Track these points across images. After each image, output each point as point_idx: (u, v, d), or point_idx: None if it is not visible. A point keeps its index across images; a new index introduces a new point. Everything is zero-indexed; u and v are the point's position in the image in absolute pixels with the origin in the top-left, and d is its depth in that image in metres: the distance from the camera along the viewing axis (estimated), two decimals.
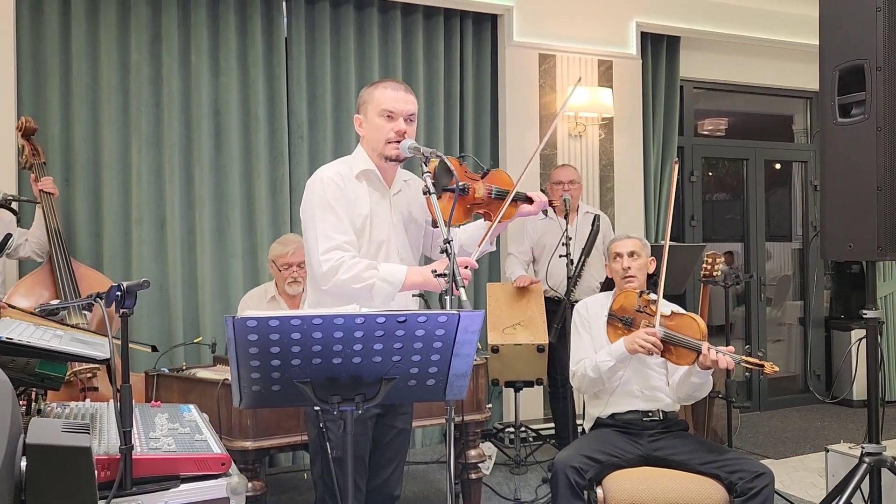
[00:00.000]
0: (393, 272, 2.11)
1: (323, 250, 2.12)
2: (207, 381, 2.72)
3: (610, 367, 2.73)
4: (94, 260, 3.84)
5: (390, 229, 2.27)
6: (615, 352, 2.72)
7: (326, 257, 2.11)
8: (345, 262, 2.10)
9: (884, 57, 2.70)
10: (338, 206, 2.15)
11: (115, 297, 1.49)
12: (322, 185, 2.18)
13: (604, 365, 2.74)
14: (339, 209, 2.15)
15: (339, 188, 2.17)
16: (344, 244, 2.13)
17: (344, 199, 2.16)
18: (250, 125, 4.20)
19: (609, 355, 2.74)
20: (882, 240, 2.69)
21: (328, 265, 2.10)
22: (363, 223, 2.20)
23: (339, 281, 2.09)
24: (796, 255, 6.44)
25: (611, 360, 2.73)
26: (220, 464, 1.59)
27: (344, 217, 2.15)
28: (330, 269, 2.10)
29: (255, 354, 1.59)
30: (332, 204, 2.15)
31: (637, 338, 2.64)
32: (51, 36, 3.83)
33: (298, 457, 4.24)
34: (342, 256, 2.11)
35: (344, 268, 2.10)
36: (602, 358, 2.76)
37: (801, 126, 6.40)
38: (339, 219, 2.14)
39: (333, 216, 2.15)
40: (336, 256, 2.11)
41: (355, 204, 2.19)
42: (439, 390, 1.77)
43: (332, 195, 2.16)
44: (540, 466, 4.14)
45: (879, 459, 2.85)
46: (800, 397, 6.03)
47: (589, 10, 4.99)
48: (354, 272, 2.09)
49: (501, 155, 4.85)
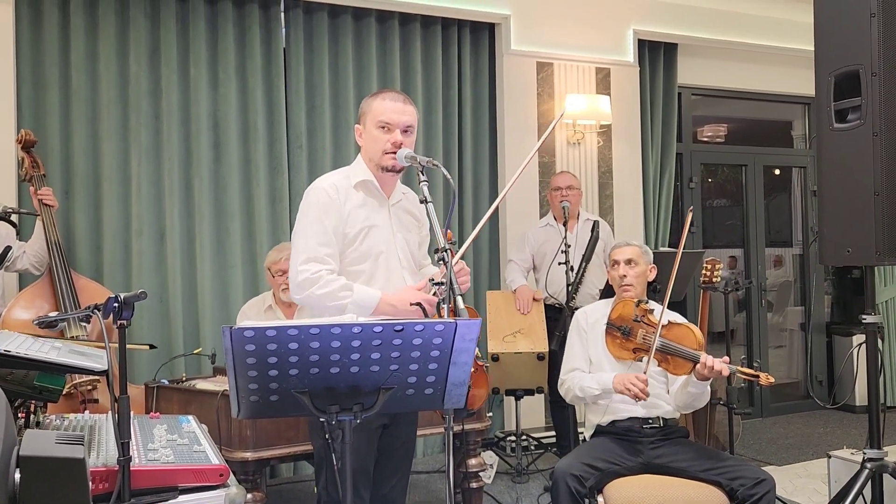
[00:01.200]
0: (365, 297, 2.12)
1: (302, 260, 2.15)
2: (207, 392, 2.72)
3: (595, 395, 2.77)
4: (94, 272, 3.84)
5: (390, 238, 2.28)
6: (603, 384, 2.75)
7: (305, 268, 2.13)
8: (322, 277, 2.12)
9: (879, 62, 2.70)
10: (326, 217, 2.17)
11: (112, 308, 1.49)
12: (315, 195, 2.21)
13: (590, 391, 2.78)
14: (327, 220, 2.17)
15: (331, 199, 2.18)
16: (325, 256, 2.15)
17: (334, 211, 2.18)
18: (249, 136, 4.22)
19: (597, 385, 2.77)
20: (880, 244, 2.69)
21: (304, 276, 2.13)
22: (358, 233, 2.21)
23: (313, 294, 2.11)
24: (797, 260, 6.44)
25: (597, 389, 2.76)
26: (218, 475, 1.59)
27: (330, 229, 2.17)
28: (306, 281, 2.12)
29: (253, 365, 1.60)
30: (321, 214, 2.17)
31: (626, 381, 2.66)
32: (50, 48, 3.85)
33: (300, 467, 4.23)
34: (320, 270, 2.13)
35: (321, 283, 2.11)
36: (590, 384, 2.79)
37: (800, 132, 6.41)
38: (324, 230, 2.16)
39: (319, 226, 2.17)
40: (314, 269, 2.13)
41: (351, 214, 2.20)
42: (438, 399, 1.77)
43: (322, 206, 2.18)
44: (542, 475, 4.13)
45: (881, 465, 2.84)
46: (802, 403, 6.01)
47: (586, 18, 5.00)
48: (330, 289, 2.11)
49: (500, 163, 4.86)
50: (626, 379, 2.66)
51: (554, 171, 4.75)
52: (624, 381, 2.65)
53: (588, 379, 2.80)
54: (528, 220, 4.62)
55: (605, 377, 2.75)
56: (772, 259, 6.25)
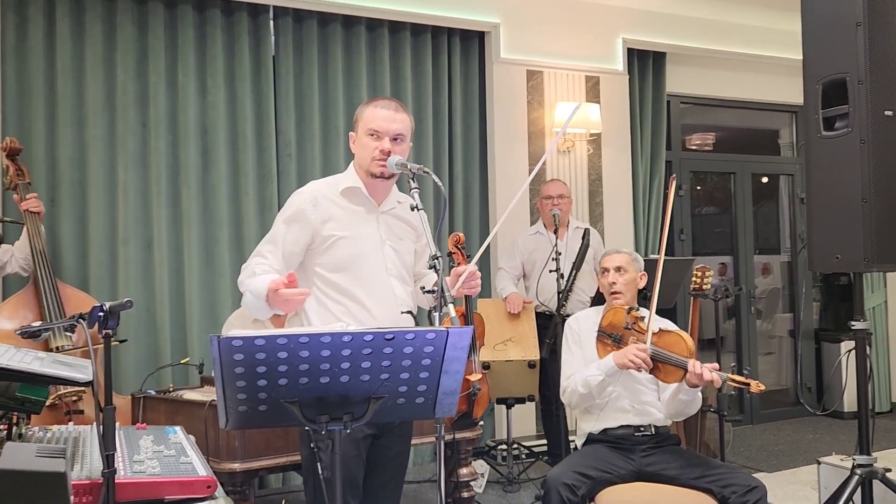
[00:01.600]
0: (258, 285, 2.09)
1: (253, 254, 2.24)
2: (194, 402, 2.69)
3: (599, 381, 2.72)
4: (80, 281, 3.80)
5: (376, 246, 2.26)
6: (604, 366, 2.72)
7: (247, 262, 2.22)
8: (249, 266, 2.19)
9: (865, 70, 2.73)
10: (289, 223, 2.22)
11: (97, 317, 1.47)
12: (291, 202, 2.28)
13: (593, 380, 2.73)
14: (294, 225, 2.21)
15: (302, 209, 2.22)
16: (266, 252, 2.21)
17: (303, 220, 2.21)
18: (238, 144, 4.19)
19: (598, 370, 2.73)
20: (868, 251, 2.71)
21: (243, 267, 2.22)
22: (336, 240, 2.22)
23: (239, 283, 2.19)
24: (785, 267, 6.47)
25: (600, 374, 2.72)
26: (205, 486, 1.56)
27: (288, 235, 2.22)
28: (241, 272, 2.21)
29: (242, 374, 1.57)
30: (285, 220, 2.24)
31: (628, 353, 2.64)
32: (35, 55, 3.82)
33: (290, 478, 4.19)
34: (251, 261, 2.20)
35: (247, 272, 2.18)
36: (591, 373, 2.75)
37: (787, 139, 6.45)
38: (279, 234, 2.23)
39: (276, 230, 2.25)
40: (250, 262, 2.20)
41: (328, 222, 2.22)
42: (429, 408, 1.75)
43: (290, 214, 2.24)
44: (533, 483, 4.11)
45: (871, 471, 2.85)
46: (791, 410, 6.02)
47: (575, 27, 5.02)
48: (243, 276, 2.18)
49: (490, 170, 4.86)
50: (627, 352, 2.64)
51: (544, 179, 4.75)
52: (626, 354, 2.63)
53: (587, 371, 2.77)
54: (519, 228, 4.62)
55: (605, 360, 2.72)
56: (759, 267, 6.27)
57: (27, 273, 3.34)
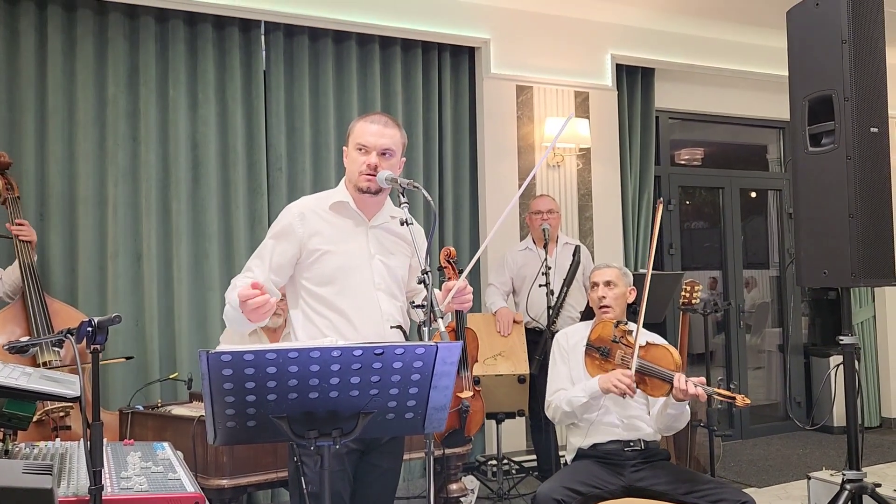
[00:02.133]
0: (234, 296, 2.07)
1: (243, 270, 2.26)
2: (183, 417, 2.67)
3: (583, 403, 2.74)
4: (68, 295, 3.77)
5: (364, 260, 2.26)
6: (589, 389, 2.73)
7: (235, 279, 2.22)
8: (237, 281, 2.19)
9: (851, 87, 2.77)
10: (277, 240, 2.24)
11: (86, 332, 1.46)
12: (280, 217, 2.29)
13: (577, 400, 2.75)
14: (282, 240, 2.23)
15: (290, 225, 2.23)
16: (253, 267, 2.23)
17: (291, 236, 2.23)
18: (228, 158, 4.19)
19: (583, 391, 2.74)
20: (855, 266, 2.73)
21: None
22: (322, 255, 2.22)
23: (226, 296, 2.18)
24: (774, 282, 6.51)
25: (584, 396, 2.73)
26: (193, 503, 1.55)
27: (278, 247, 2.23)
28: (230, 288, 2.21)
29: (230, 390, 1.57)
30: (273, 237, 2.26)
31: (612, 377, 2.64)
32: (26, 68, 3.81)
33: (278, 494, 4.16)
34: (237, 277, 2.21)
35: (231, 286, 2.19)
36: (576, 393, 2.76)
37: (775, 155, 6.51)
38: (267, 250, 2.24)
39: (265, 247, 2.25)
40: (237, 279, 2.20)
41: (314, 237, 2.22)
42: (418, 423, 1.74)
43: (279, 230, 2.26)
44: (523, 499, 4.09)
45: (860, 486, 2.86)
46: (781, 425, 6.04)
47: (565, 43, 5.06)
48: (229, 289, 2.18)
49: (480, 185, 4.88)
50: (612, 376, 2.64)
51: (534, 195, 4.77)
52: (610, 379, 2.64)
53: (573, 390, 2.78)
54: (508, 243, 4.63)
55: (590, 382, 2.74)
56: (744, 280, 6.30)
57: (11, 300, 3.31)
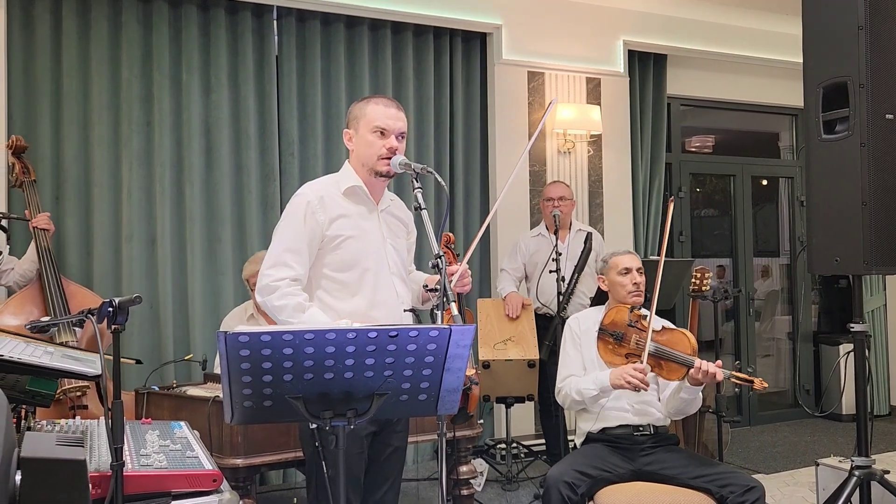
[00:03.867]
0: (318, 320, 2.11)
1: (269, 264, 2.18)
2: (198, 398, 2.71)
3: (592, 395, 2.74)
4: (84, 277, 3.82)
5: (380, 244, 2.28)
6: (600, 382, 2.72)
7: (269, 272, 2.16)
8: (281, 288, 2.13)
9: (866, 74, 2.75)
10: (301, 225, 2.18)
11: (107, 312, 1.49)
12: (296, 203, 2.23)
13: (587, 392, 2.75)
14: (301, 228, 2.18)
15: (311, 209, 2.19)
16: (290, 261, 2.16)
17: (312, 220, 2.18)
18: (241, 142, 4.22)
19: (594, 384, 2.73)
20: (868, 254, 2.73)
21: (266, 281, 2.15)
22: (343, 241, 2.21)
23: (271, 303, 2.14)
24: (784, 270, 6.49)
25: (595, 389, 2.73)
26: (211, 480, 1.58)
27: (302, 236, 2.18)
28: (266, 287, 2.15)
29: (247, 370, 1.59)
30: (296, 222, 2.19)
31: (624, 373, 2.63)
32: (41, 54, 3.84)
33: (289, 475, 4.21)
34: (283, 279, 2.14)
35: (279, 293, 2.13)
36: (587, 385, 2.76)
37: (787, 142, 6.47)
38: (295, 237, 2.18)
39: (291, 233, 2.18)
40: (277, 276, 2.14)
41: (335, 222, 2.20)
42: (431, 405, 1.77)
43: (300, 214, 2.19)
44: (532, 482, 4.13)
45: (869, 473, 2.87)
46: (789, 412, 6.05)
47: (577, 29, 5.04)
48: (284, 303, 2.12)
49: (490, 171, 4.88)
50: (623, 372, 2.63)
51: (545, 181, 4.77)
52: (622, 375, 2.63)
53: (584, 381, 2.78)
54: (519, 229, 4.64)
55: (601, 375, 2.72)
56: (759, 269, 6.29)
57: (20, 288, 3.35)
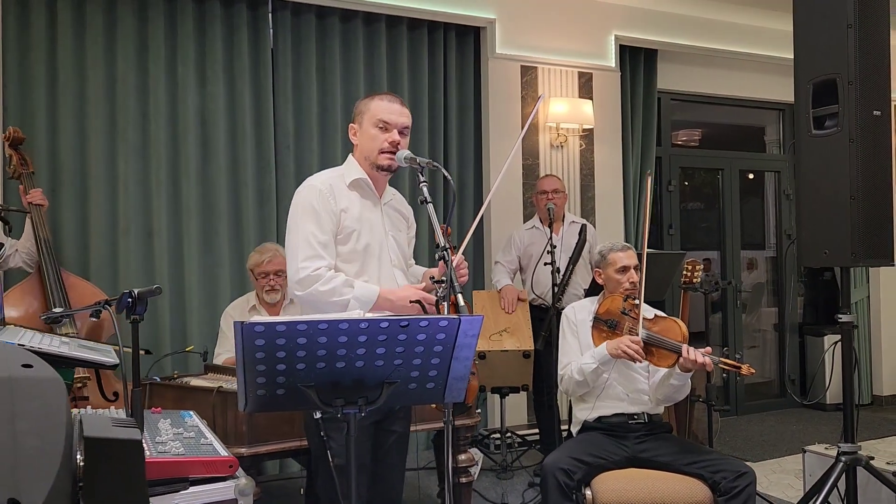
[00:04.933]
0: (366, 293, 2.18)
1: (304, 257, 2.18)
2: (202, 388, 2.74)
3: (593, 369, 2.81)
4: (80, 270, 3.83)
5: (383, 237, 2.33)
6: (598, 355, 2.81)
7: (305, 265, 2.17)
8: (323, 275, 2.16)
9: (855, 71, 2.82)
10: (322, 213, 2.21)
11: (126, 303, 1.52)
12: (309, 193, 2.24)
13: (587, 367, 2.82)
14: (323, 217, 2.21)
15: (325, 198, 2.22)
16: (322, 252, 2.19)
17: (328, 209, 2.21)
18: (237, 135, 4.24)
19: (592, 358, 2.82)
20: (856, 246, 2.81)
21: (306, 273, 2.17)
22: (351, 232, 2.25)
23: (317, 291, 2.16)
24: (769, 262, 6.59)
25: (594, 362, 2.81)
26: (227, 466, 1.63)
27: (326, 225, 2.20)
28: (308, 278, 2.16)
29: (262, 359, 1.63)
30: (316, 212, 2.21)
31: (620, 343, 2.72)
32: (37, 45, 3.84)
33: (287, 465, 4.26)
34: (320, 267, 2.17)
35: (323, 280, 2.16)
36: (586, 360, 2.84)
37: (773, 137, 6.57)
38: (320, 227, 2.20)
39: (315, 224, 2.20)
40: (314, 266, 2.17)
41: (343, 213, 2.24)
42: (438, 393, 1.82)
43: (317, 203, 2.21)
44: (526, 471, 4.19)
45: (855, 458, 2.96)
46: (775, 402, 6.17)
47: (569, 24, 5.10)
48: (333, 285, 2.16)
49: (484, 164, 4.93)
50: (620, 342, 2.73)
51: (537, 174, 4.83)
52: (619, 345, 2.72)
53: (583, 358, 2.86)
54: (512, 222, 4.69)
55: (599, 349, 2.81)
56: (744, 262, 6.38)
57: (31, 269, 3.36)
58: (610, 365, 2.83)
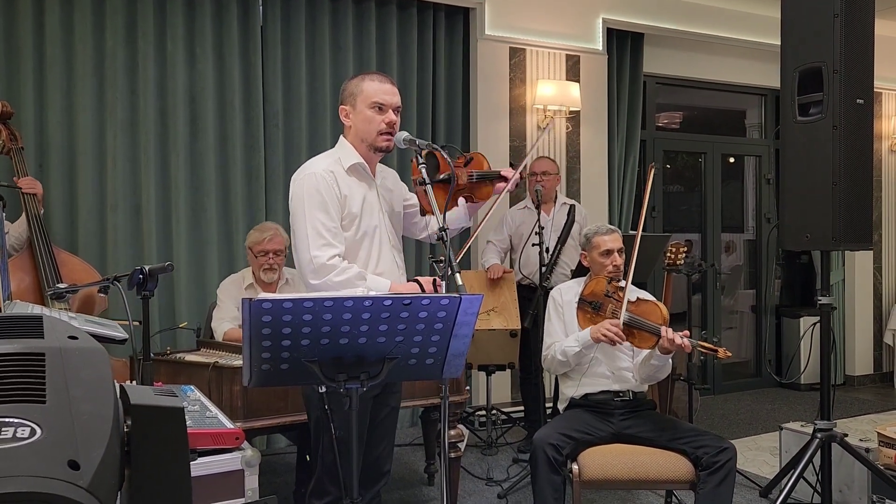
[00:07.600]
0: (377, 286, 2.22)
1: (316, 246, 2.20)
2: (196, 364, 2.77)
3: (576, 352, 2.91)
4: (69, 246, 3.82)
5: (380, 217, 2.36)
6: (581, 338, 2.90)
7: (319, 253, 2.19)
8: (337, 266, 2.19)
9: (840, 60, 2.90)
10: (329, 202, 2.22)
11: (137, 279, 1.55)
12: (313, 181, 2.23)
13: (570, 350, 2.91)
14: (331, 205, 2.22)
15: (330, 185, 2.23)
16: (334, 241, 2.21)
17: (333, 196, 2.23)
18: (226, 113, 4.23)
19: (576, 341, 2.91)
20: (837, 231, 2.90)
21: (321, 262, 2.19)
22: (354, 217, 2.27)
23: (331, 281, 2.19)
24: (748, 245, 6.72)
25: (577, 345, 2.90)
26: (234, 438, 1.68)
27: (333, 212, 2.22)
28: (323, 267, 2.19)
29: (268, 335, 1.67)
30: (323, 198, 2.21)
31: (601, 327, 2.81)
32: (24, 20, 3.79)
33: (273, 440, 4.31)
34: (335, 256, 2.20)
35: (338, 270, 2.19)
36: (569, 343, 2.93)
37: (754, 121, 6.66)
38: (328, 214, 2.22)
39: (323, 212, 2.21)
40: (329, 254, 2.19)
41: (346, 199, 2.26)
42: (437, 369, 1.87)
43: (324, 190, 2.22)
44: (510, 447, 4.28)
45: (830, 435, 3.08)
46: (751, 381, 6.33)
47: (558, 6, 5.12)
48: (346, 277, 2.19)
49: (472, 145, 4.96)
50: (601, 327, 2.82)
51: (524, 156, 4.87)
52: (600, 329, 2.82)
53: (567, 340, 2.95)
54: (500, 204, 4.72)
55: (582, 333, 2.91)
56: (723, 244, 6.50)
57: (17, 252, 3.34)
58: (593, 348, 2.91)
